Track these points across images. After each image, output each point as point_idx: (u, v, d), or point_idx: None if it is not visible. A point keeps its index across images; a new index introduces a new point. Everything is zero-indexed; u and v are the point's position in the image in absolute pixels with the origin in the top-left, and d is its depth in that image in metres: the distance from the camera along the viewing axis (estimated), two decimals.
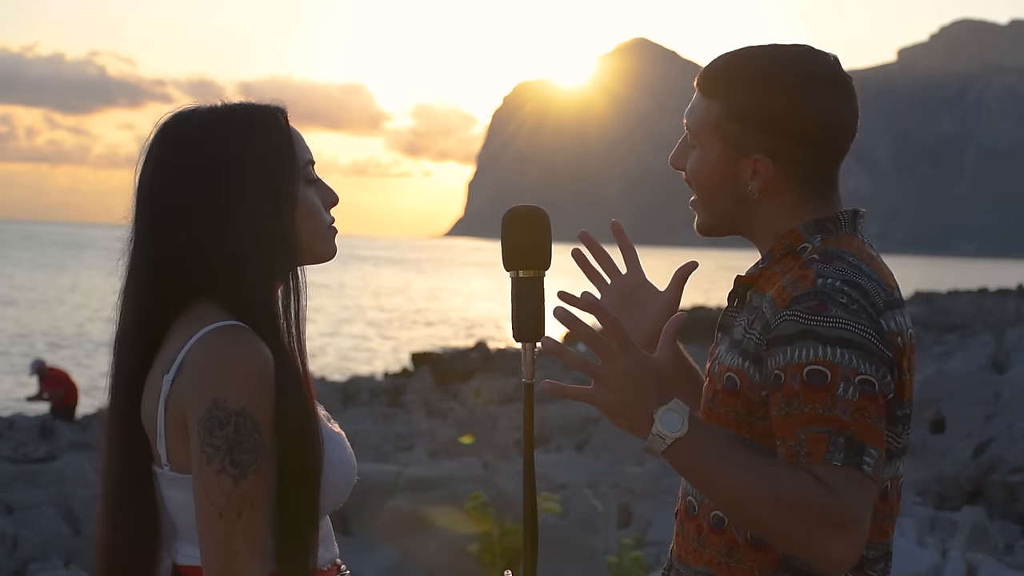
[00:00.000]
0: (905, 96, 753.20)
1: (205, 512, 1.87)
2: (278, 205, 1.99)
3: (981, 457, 10.65)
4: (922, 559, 7.15)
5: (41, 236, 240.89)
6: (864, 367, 1.84)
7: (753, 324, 1.98)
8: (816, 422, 1.83)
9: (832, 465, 1.81)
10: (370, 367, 35.23)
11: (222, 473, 1.86)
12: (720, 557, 2.01)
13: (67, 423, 17.61)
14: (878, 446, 1.84)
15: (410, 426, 16.67)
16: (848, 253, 1.97)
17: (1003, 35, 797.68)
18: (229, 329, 1.92)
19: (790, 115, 2.00)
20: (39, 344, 39.24)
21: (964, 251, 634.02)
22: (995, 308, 43.96)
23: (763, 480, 1.82)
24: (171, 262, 1.99)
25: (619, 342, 1.86)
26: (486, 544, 7.49)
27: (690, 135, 2.11)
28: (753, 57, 2.05)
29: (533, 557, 1.96)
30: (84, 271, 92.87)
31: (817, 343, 1.85)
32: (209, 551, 1.88)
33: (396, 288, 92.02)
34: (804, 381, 1.84)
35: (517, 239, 1.98)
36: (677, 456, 1.85)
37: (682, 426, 1.83)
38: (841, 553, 1.81)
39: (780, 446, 1.88)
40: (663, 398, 1.86)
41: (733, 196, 2.07)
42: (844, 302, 1.86)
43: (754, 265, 2.09)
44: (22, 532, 8.30)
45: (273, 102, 2.05)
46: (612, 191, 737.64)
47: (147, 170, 2.02)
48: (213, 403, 1.87)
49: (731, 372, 1.99)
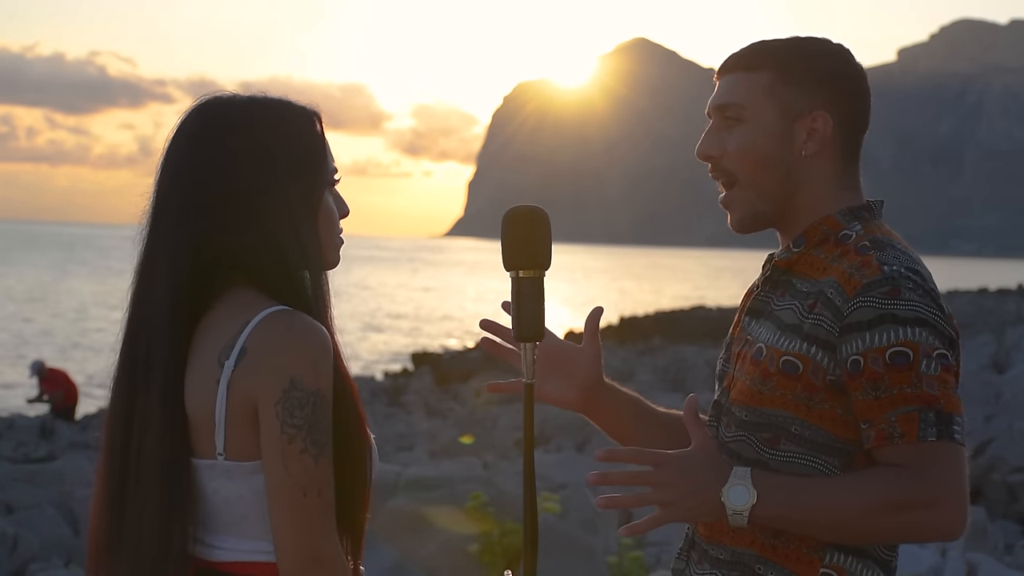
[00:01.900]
0: (905, 96, 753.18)
1: (288, 494, 1.86)
2: (308, 204, 2.00)
3: (981, 457, 10.65)
4: (922, 559, 7.15)
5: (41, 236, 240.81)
6: (938, 343, 1.93)
7: (814, 309, 2.01)
8: (905, 402, 1.90)
9: (927, 442, 1.89)
10: (370, 367, 35.24)
11: (305, 453, 1.86)
12: (764, 538, 2.04)
13: (67, 423, 17.62)
14: (961, 413, 1.93)
15: (410, 426, 16.68)
16: (894, 240, 2.05)
17: (1003, 35, 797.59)
18: (287, 312, 1.91)
19: (844, 76, 2.12)
20: (39, 344, 39.23)
21: (964, 251, 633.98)
22: (995, 308, 43.95)
23: (851, 498, 1.91)
24: (210, 243, 1.96)
25: (652, 463, 1.95)
26: (486, 544, 7.49)
27: (732, 110, 2.11)
28: (783, 38, 2.16)
29: (533, 557, 1.97)
30: (84, 271, 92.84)
31: (897, 326, 1.92)
32: (293, 533, 1.86)
33: (396, 288, 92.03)
34: (887, 363, 1.91)
35: (517, 239, 1.99)
36: (761, 519, 1.94)
37: (750, 495, 1.92)
38: (953, 521, 1.90)
39: (868, 429, 1.94)
40: (722, 478, 1.93)
41: (785, 165, 2.10)
42: (911, 287, 1.94)
43: (785, 250, 2.12)
44: (22, 532, 8.30)
45: (311, 106, 2.05)
46: (612, 191, 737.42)
47: (182, 147, 1.99)
48: (290, 384, 1.86)
49: (789, 356, 2.02)
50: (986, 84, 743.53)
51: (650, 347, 32.61)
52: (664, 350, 30.80)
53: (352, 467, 1.96)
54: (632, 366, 26.40)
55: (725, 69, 2.15)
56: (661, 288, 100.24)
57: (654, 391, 20.70)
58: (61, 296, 64.58)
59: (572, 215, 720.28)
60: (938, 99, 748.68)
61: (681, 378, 22.64)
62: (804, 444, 2.00)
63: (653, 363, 26.84)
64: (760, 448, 2.04)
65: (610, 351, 30.90)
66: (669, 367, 24.97)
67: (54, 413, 18.01)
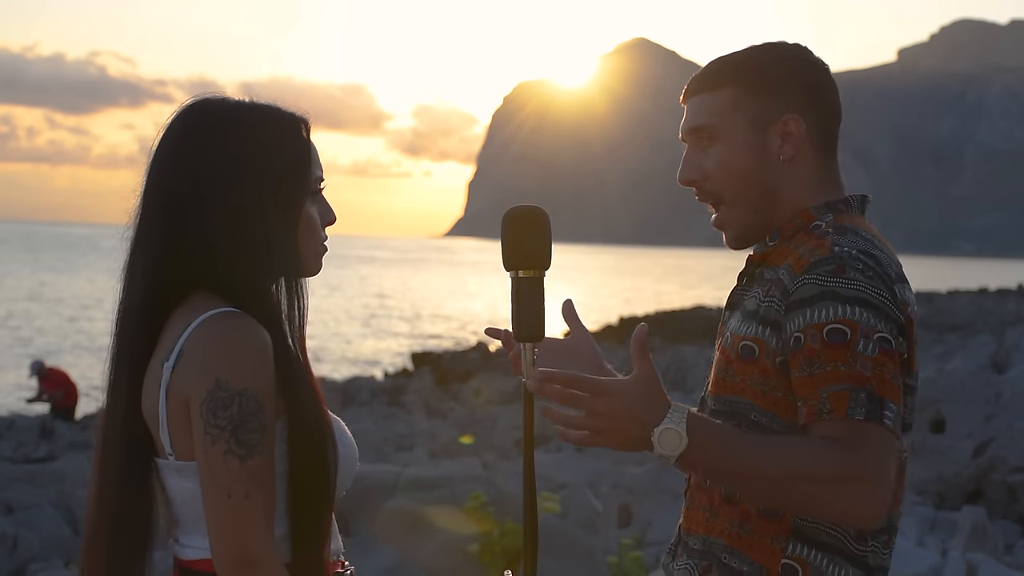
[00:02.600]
0: (905, 96, 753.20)
1: (213, 494, 1.87)
2: (287, 210, 2.00)
3: (981, 457, 10.65)
4: (922, 559, 7.15)
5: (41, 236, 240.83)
6: (881, 326, 1.90)
7: (770, 292, 2.03)
8: (838, 380, 1.88)
9: (855, 420, 1.86)
10: (370, 367, 35.24)
11: (228, 454, 1.87)
12: (732, 528, 2.04)
13: (67, 423, 17.61)
14: (896, 401, 1.89)
15: (410, 426, 16.67)
16: (860, 229, 2.04)
17: (1003, 35, 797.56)
18: (227, 314, 1.92)
19: (807, 76, 2.12)
20: (38, 344, 39.23)
21: (964, 251, 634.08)
22: (995, 308, 43.97)
23: (778, 459, 1.86)
24: (178, 249, 1.98)
25: (588, 390, 1.88)
26: (486, 544, 7.49)
27: (704, 132, 2.13)
28: (739, 51, 2.17)
29: (533, 557, 1.97)
30: (83, 271, 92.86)
31: (836, 303, 1.90)
32: (220, 534, 1.88)
33: (396, 288, 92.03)
34: (824, 340, 1.89)
35: (517, 239, 1.98)
36: (687, 465, 1.89)
37: (681, 441, 1.85)
38: (869, 506, 1.85)
39: (801, 406, 1.92)
40: (657, 415, 1.87)
41: (765, 174, 2.11)
42: (860, 268, 1.93)
43: (760, 244, 2.14)
44: (22, 532, 8.30)
45: (300, 112, 2.06)
46: (612, 191, 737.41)
47: (167, 148, 2.02)
48: (215, 384, 1.87)
49: (747, 341, 2.03)
50: (986, 84, 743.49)
51: (650, 347, 32.46)
52: (664, 350, 30.80)
53: (315, 472, 1.95)
54: (632, 366, 26.38)
55: (689, 93, 2.17)
56: (661, 288, 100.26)
57: None
58: (61, 296, 64.58)
59: (572, 215, 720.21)
60: (938, 99, 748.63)
61: (681, 378, 22.62)
62: (761, 431, 2.00)
63: (653, 363, 26.79)
64: None
65: (610, 351, 30.89)
66: (669, 367, 24.96)
67: (54, 413, 18.00)
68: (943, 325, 35.15)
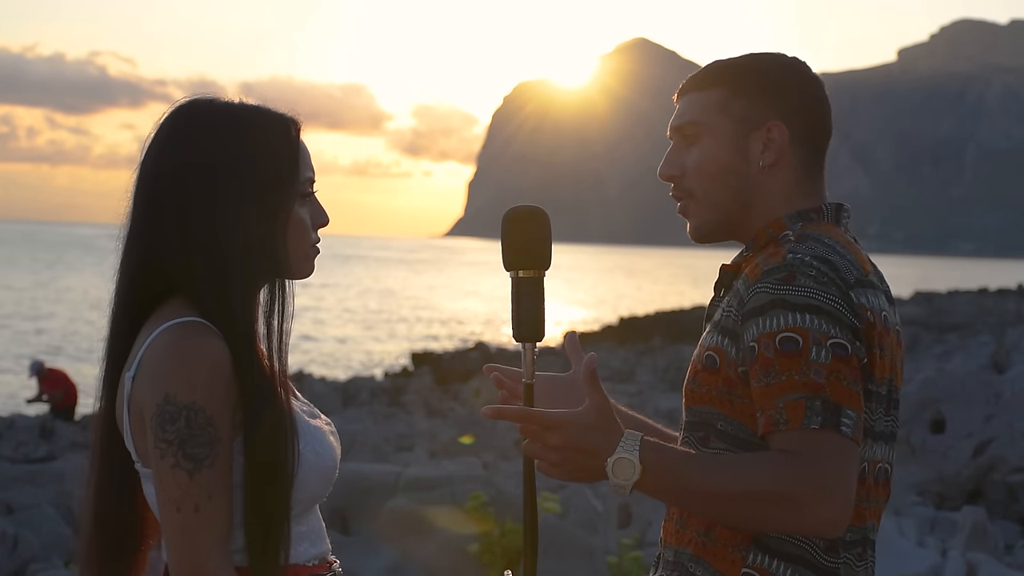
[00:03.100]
0: (905, 96, 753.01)
1: (164, 507, 1.89)
2: (271, 214, 1.99)
3: (981, 457, 10.65)
4: (922, 559, 7.15)
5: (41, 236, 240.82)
6: (834, 332, 1.88)
7: (730, 302, 2.02)
8: (792, 389, 1.86)
9: (810, 429, 1.84)
10: (370, 367, 35.23)
11: (176, 467, 1.87)
12: (698, 537, 2.03)
13: (67, 423, 17.61)
14: (855, 408, 1.87)
15: (410, 426, 16.66)
16: (824, 236, 2.02)
17: (1003, 35, 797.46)
18: (183, 325, 1.92)
19: (796, 87, 2.12)
20: (38, 344, 39.23)
21: (964, 251, 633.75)
22: (995, 308, 43.94)
23: (732, 480, 1.85)
24: (158, 258, 1.98)
25: (539, 426, 1.88)
26: (486, 544, 7.49)
27: (689, 130, 2.13)
28: (737, 56, 2.18)
29: (533, 557, 1.97)
30: (83, 271, 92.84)
31: (787, 311, 1.89)
32: (171, 546, 1.89)
33: (396, 288, 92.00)
34: (777, 349, 1.88)
35: (517, 239, 1.99)
36: (644, 491, 1.88)
37: (634, 470, 1.85)
38: (829, 515, 1.83)
39: (760, 417, 1.90)
40: (609, 445, 1.87)
41: (741, 178, 2.10)
42: (813, 274, 1.91)
43: (739, 254, 2.13)
44: (22, 532, 8.29)
45: (290, 113, 2.05)
46: (612, 191, 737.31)
47: (152, 152, 2.01)
48: (164, 398, 1.87)
49: (710, 351, 2.02)
50: (986, 84, 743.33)
51: (650, 347, 32.58)
52: (664, 350, 30.78)
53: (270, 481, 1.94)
54: (632, 366, 26.40)
55: (682, 92, 2.18)
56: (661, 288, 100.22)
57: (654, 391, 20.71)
58: (61, 296, 64.56)
59: (572, 215, 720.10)
60: (938, 99, 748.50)
61: (681, 378, 22.58)
62: (728, 440, 1.99)
63: (653, 363, 26.83)
64: (697, 448, 2.03)
65: (610, 351, 30.89)
66: (669, 367, 24.96)
67: (54, 413, 18.00)
68: (943, 325, 35.13)
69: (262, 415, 1.93)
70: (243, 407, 1.92)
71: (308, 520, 2.04)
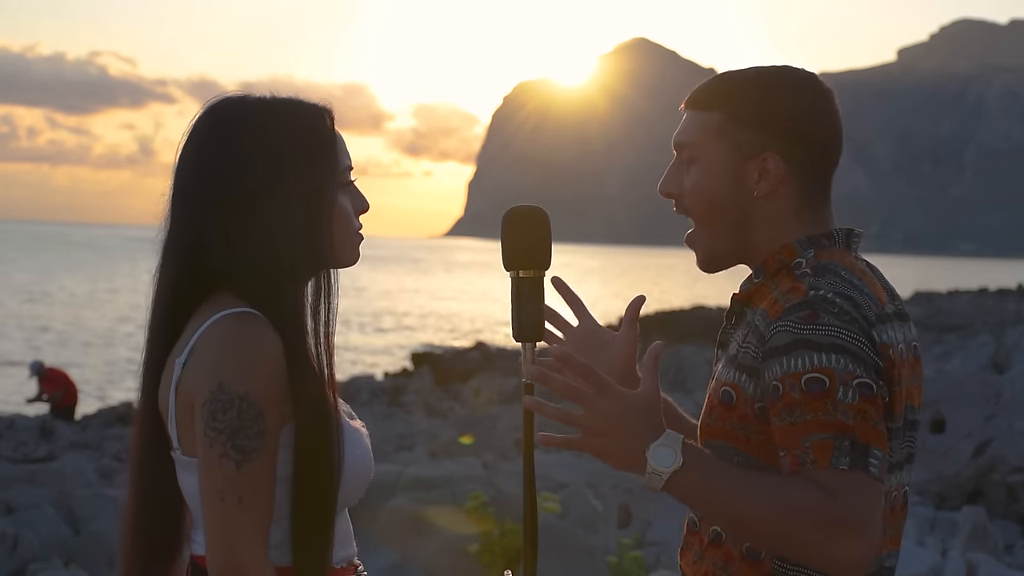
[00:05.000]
0: (905, 96, 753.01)
1: (208, 496, 1.88)
2: (314, 203, 1.99)
3: (981, 457, 10.66)
4: (922, 559, 7.15)
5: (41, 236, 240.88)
6: (859, 371, 1.86)
7: (747, 338, 1.99)
8: (820, 428, 1.84)
9: (839, 470, 1.82)
10: (370, 367, 35.24)
11: (224, 457, 1.87)
12: (716, 570, 2.02)
13: (67, 423, 17.62)
14: (881, 447, 1.85)
15: (410, 426, 16.67)
16: (841, 267, 1.98)
17: (1003, 35, 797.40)
18: (240, 316, 1.93)
19: (796, 114, 2.05)
20: (38, 344, 39.23)
21: (964, 251, 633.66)
22: (995, 308, 43.95)
23: (765, 496, 1.83)
24: (202, 247, 1.98)
25: (596, 387, 1.86)
26: (486, 544, 7.49)
27: (687, 151, 2.10)
28: (745, 71, 2.11)
29: (533, 557, 1.96)
30: (83, 271, 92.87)
31: (812, 351, 1.86)
32: (211, 535, 1.89)
33: (396, 288, 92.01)
34: (803, 389, 1.85)
35: (517, 239, 1.98)
36: (677, 488, 1.85)
37: (676, 459, 1.83)
38: (852, 556, 1.81)
39: (784, 456, 1.88)
40: (654, 433, 1.85)
41: (738, 206, 2.06)
42: (835, 311, 1.88)
43: (747, 280, 2.09)
44: (22, 532, 8.29)
45: (322, 102, 2.05)
46: (612, 191, 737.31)
47: (190, 150, 2.02)
48: (217, 387, 1.88)
49: (727, 386, 2.00)
50: (986, 84, 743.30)
51: None
52: (664, 350, 30.78)
53: (319, 478, 1.94)
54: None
55: (688, 103, 2.13)
56: (661, 287, 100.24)
57: None
58: (60, 296, 64.56)
59: (572, 215, 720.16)
60: (938, 99, 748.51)
61: (681, 378, 22.61)
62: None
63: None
64: None
65: None
66: (669, 367, 24.95)
67: (54, 413, 18.01)
68: (943, 325, 35.13)
69: (312, 408, 1.94)
70: (293, 399, 1.92)
71: (338, 522, 2.04)
